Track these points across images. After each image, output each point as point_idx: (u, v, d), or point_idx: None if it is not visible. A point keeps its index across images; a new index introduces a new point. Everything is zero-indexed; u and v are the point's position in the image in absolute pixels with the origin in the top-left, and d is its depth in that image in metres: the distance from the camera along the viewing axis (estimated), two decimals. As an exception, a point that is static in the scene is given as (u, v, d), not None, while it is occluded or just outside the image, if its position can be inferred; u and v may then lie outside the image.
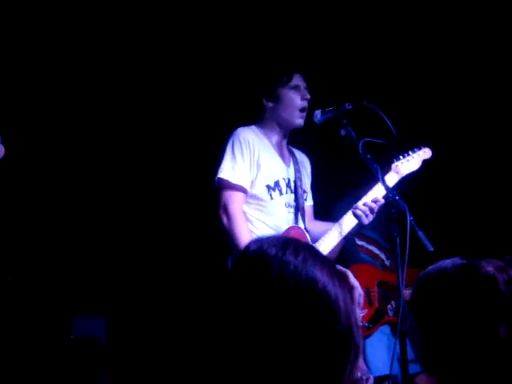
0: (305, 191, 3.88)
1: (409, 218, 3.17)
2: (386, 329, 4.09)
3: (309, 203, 3.95)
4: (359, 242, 4.37)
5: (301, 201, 3.79)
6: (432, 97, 5.00)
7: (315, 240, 3.75)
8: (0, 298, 4.46)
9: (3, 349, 4.35)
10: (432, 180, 4.75)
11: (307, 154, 4.04)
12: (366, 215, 3.59)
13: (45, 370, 4.41)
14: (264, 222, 3.65)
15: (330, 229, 3.67)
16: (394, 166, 3.81)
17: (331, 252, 3.65)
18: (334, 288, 1.30)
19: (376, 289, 4.12)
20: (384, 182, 3.43)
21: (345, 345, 1.28)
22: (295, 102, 3.72)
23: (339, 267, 1.37)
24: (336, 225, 3.66)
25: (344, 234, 3.65)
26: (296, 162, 3.88)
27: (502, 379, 1.55)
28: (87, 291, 4.78)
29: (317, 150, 4.19)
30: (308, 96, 3.73)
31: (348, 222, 3.65)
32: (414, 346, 1.71)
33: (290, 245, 1.33)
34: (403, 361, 3.09)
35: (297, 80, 3.74)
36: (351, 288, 1.47)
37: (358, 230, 3.75)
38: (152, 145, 5.02)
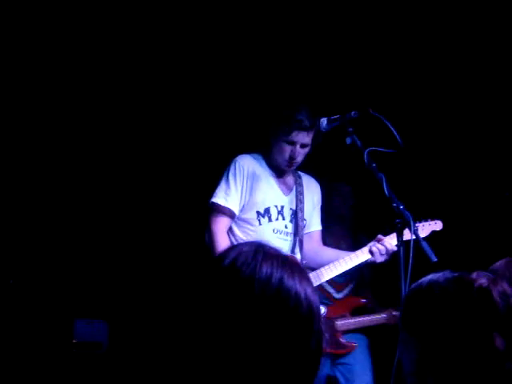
0: (304, 219, 3.95)
1: (413, 228, 3.15)
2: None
3: (314, 229, 4.04)
4: None
5: (300, 230, 3.89)
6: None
7: (319, 266, 3.86)
8: (2, 301, 4.47)
9: (4, 352, 4.34)
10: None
11: (316, 179, 4.11)
12: (381, 254, 3.73)
13: (46, 374, 4.40)
14: None
15: (340, 257, 3.84)
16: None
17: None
18: (313, 295, 1.37)
19: None
20: (389, 191, 3.38)
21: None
22: (283, 154, 3.79)
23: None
24: (347, 257, 3.82)
25: (351, 266, 3.83)
26: (300, 192, 3.95)
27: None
28: (90, 295, 4.78)
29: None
30: (296, 159, 3.78)
31: (361, 256, 3.81)
32: (405, 361, 1.68)
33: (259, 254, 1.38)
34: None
35: (296, 137, 3.74)
36: None
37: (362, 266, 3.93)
38: (155, 151, 5.01)
